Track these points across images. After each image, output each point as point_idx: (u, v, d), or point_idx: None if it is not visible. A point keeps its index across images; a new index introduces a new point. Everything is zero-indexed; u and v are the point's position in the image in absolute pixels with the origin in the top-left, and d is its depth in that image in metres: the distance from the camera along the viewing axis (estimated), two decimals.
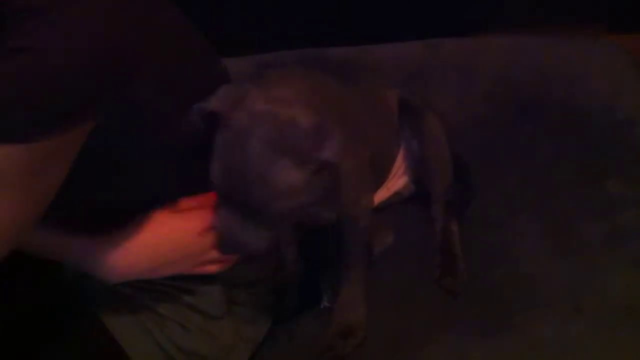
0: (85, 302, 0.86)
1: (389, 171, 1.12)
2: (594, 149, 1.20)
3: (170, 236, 0.80)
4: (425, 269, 1.09)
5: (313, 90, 0.86)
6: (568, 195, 1.14)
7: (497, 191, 1.18)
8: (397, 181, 1.14)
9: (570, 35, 1.47)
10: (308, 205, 0.79)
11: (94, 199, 0.76)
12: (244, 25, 1.70)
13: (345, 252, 0.98)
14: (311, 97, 0.81)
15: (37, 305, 0.86)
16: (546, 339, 0.96)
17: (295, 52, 1.37)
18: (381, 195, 1.10)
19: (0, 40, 0.58)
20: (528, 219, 1.13)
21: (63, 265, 0.86)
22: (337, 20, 1.63)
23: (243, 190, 0.74)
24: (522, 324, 0.98)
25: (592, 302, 1.00)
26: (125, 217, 0.79)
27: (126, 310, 0.85)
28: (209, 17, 1.10)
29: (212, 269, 0.84)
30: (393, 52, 1.36)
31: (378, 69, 1.32)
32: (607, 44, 1.39)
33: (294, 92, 0.80)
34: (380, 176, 1.09)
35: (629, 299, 0.99)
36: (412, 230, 1.17)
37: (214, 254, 0.81)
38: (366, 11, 1.67)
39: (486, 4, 1.83)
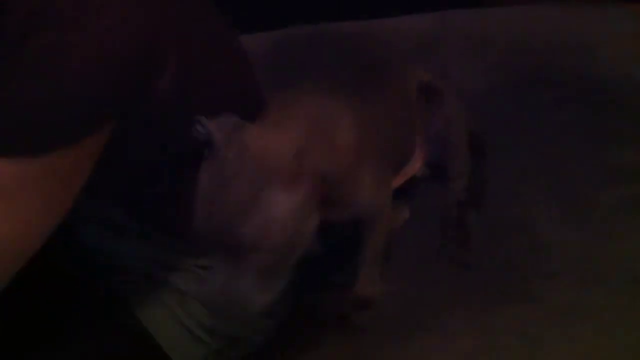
0: (102, 281, 0.86)
1: (410, 155, 1.11)
2: (609, 118, 1.20)
3: None
4: (442, 243, 1.10)
5: (314, 115, 0.82)
6: (584, 164, 1.14)
7: (512, 161, 1.17)
8: (414, 165, 1.13)
9: (580, 3, 1.45)
10: (308, 234, 0.73)
11: None
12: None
13: (365, 238, 0.97)
14: (309, 123, 0.78)
15: (54, 285, 0.85)
16: (564, 307, 0.96)
17: (307, 28, 1.37)
18: (397, 181, 1.10)
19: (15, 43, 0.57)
20: (544, 188, 1.13)
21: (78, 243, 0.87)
22: None
23: (231, 232, 0.66)
24: (540, 292, 0.99)
25: (610, 269, 1.01)
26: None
27: (147, 288, 0.84)
28: None
29: None
30: (405, 25, 1.35)
31: (391, 42, 1.31)
32: (620, 11, 1.37)
33: (292, 122, 0.76)
34: (401, 161, 1.08)
35: None
36: (426, 205, 1.17)
37: None
38: None
39: None
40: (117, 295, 0.84)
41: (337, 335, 0.98)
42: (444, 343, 0.94)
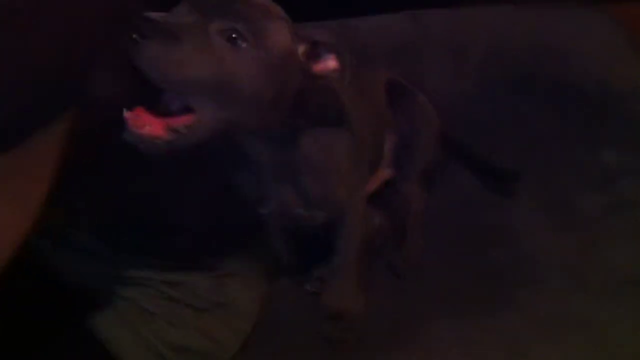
0: (68, 302, 0.82)
1: (381, 158, 1.07)
2: (588, 123, 1.18)
3: None
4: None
5: None
6: (564, 169, 1.12)
7: (492, 168, 1.14)
8: (385, 170, 1.10)
9: (556, 6, 1.43)
10: None
11: None
12: None
13: (339, 243, 0.94)
14: None
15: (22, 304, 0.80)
16: (549, 316, 0.93)
17: None
18: (371, 186, 1.06)
19: None
20: (526, 195, 1.10)
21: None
22: None
23: None
24: (524, 301, 0.95)
25: (594, 276, 0.98)
26: None
27: (111, 309, 0.81)
28: None
29: None
30: (378, 26, 1.31)
31: (363, 45, 1.27)
32: (597, 15, 1.36)
33: None
34: (373, 166, 1.05)
35: (631, 271, 0.97)
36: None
37: None
38: None
39: None
40: (82, 315, 0.80)
41: (315, 350, 0.93)
42: (429, 356, 0.90)
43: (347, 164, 0.87)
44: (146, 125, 0.66)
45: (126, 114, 0.65)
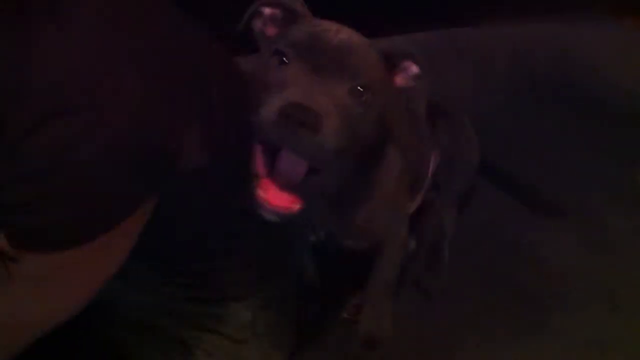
0: (104, 331, 0.82)
1: (424, 181, 1.04)
2: (619, 138, 1.17)
3: None
4: (451, 271, 1.04)
5: None
6: (596, 188, 1.11)
7: (521, 185, 1.13)
8: (426, 191, 1.08)
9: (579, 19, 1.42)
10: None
11: None
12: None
13: (377, 270, 0.92)
14: None
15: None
16: (585, 341, 0.92)
17: None
18: (411, 207, 1.05)
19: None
20: (556, 217, 1.09)
21: None
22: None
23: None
24: (558, 325, 0.94)
25: (627, 298, 0.97)
26: None
27: (149, 340, 0.80)
28: None
29: None
30: (406, 44, 1.31)
31: None
32: (622, 27, 1.34)
33: None
34: (416, 190, 1.01)
35: None
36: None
37: None
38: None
39: None
40: (117, 348, 0.80)
41: None
42: None
43: (396, 193, 0.86)
44: (278, 198, 0.67)
45: (259, 192, 0.66)
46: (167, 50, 0.63)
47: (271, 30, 0.75)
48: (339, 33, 0.69)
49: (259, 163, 0.68)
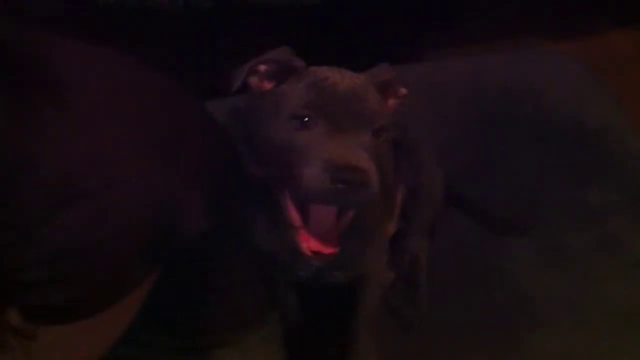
0: None
1: (393, 212, 1.08)
2: (569, 161, 1.23)
3: None
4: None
5: None
6: (553, 209, 1.16)
7: (483, 209, 1.18)
8: (395, 224, 1.10)
9: (526, 51, 1.50)
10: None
11: None
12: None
13: (361, 305, 0.95)
14: None
15: None
16: (557, 357, 0.97)
17: None
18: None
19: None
20: (519, 237, 1.13)
21: None
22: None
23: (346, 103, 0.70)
24: (531, 344, 0.99)
25: (593, 313, 1.02)
26: None
27: None
28: None
29: None
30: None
31: None
32: (565, 57, 1.43)
33: None
34: (386, 221, 1.05)
35: (627, 306, 1.02)
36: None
37: None
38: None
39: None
40: None
41: None
42: None
43: (380, 222, 0.89)
44: (319, 245, 0.70)
45: (302, 244, 0.70)
46: (166, 126, 0.65)
47: (268, 85, 0.79)
48: (343, 80, 0.74)
49: (294, 216, 0.71)
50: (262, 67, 0.78)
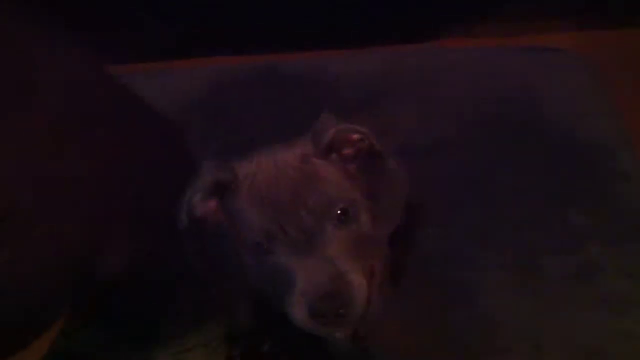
0: None
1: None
2: (554, 176, 1.17)
3: None
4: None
5: None
6: (531, 227, 1.11)
7: (458, 223, 1.12)
8: None
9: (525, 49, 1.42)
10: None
11: None
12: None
13: None
14: None
15: None
16: None
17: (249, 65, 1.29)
18: None
19: None
20: (493, 252, 1.08)
21: None
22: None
23: (296, 211, 0.69)
24: None
25: (552, 342, 0.99)
26: None
27: None
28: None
29: None
30: (349, 69, 1.28)
31: (335, 88, 1.24)
32: (572, 57, 1.35)
33: None
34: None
35: (590, 345, 0.98)
36: None
37: None
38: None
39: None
40: None
41: None
42: None
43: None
44: None
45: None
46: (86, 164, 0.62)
47: (212, 204, 0.78)
48: (278, 180, 0.72)
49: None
50: (197, 198, 0.76)
